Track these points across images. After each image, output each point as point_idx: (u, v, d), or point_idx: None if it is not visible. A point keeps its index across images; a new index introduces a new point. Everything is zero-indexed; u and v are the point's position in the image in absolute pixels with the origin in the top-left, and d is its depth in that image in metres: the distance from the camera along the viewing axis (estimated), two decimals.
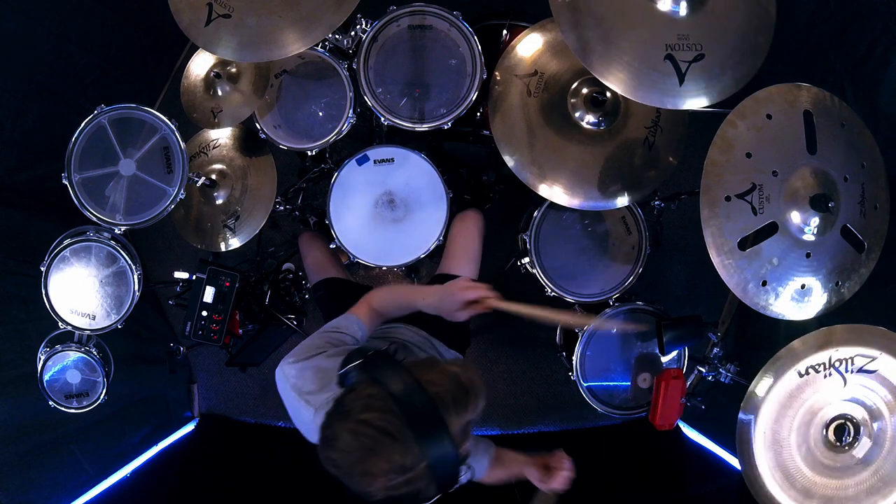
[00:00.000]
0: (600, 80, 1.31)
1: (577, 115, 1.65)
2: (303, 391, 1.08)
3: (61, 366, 1.79)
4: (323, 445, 0.86)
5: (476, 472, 1.38)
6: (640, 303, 1.84)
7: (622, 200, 1.67)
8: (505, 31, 1.82)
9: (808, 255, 1.29)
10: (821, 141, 1.28)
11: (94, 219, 1.67)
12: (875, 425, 1.30)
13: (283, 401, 1.13)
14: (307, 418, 1.06)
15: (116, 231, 1.74)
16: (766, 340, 1.76)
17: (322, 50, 1.72)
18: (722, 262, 1.25)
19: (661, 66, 1.30)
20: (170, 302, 2.20)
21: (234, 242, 1.93)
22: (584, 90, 1.64)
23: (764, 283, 1.28)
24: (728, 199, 1.24)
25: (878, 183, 1.36)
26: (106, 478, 2.19)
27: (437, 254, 1.86)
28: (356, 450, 0.83)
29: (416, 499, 0.88)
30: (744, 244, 1.26)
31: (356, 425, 0.83)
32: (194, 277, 1.86)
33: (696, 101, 1.33)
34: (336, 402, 0.89)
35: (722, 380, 1.70)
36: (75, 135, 1.62)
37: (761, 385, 1.32)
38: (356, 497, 0.87)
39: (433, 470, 0.84)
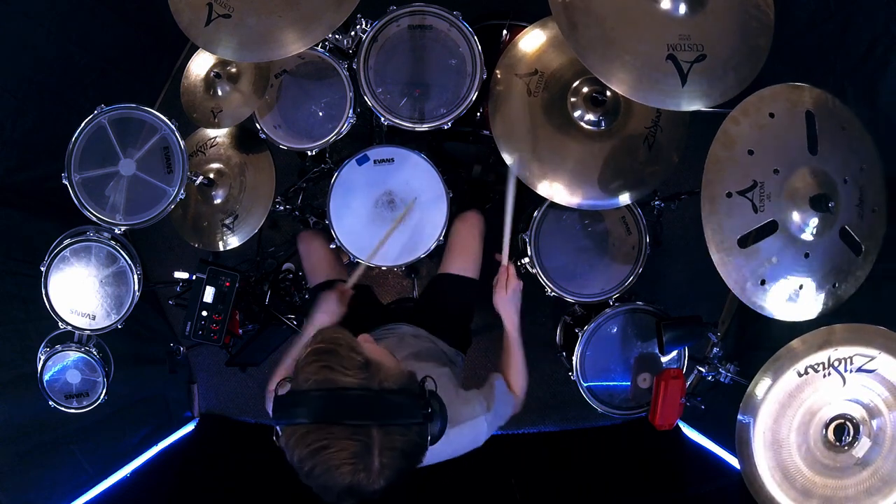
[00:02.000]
0: (601, 80, 1.31)
1: (577, 114, 1.65)
2: None
3: (61, 366, 1.79)
4: (322, 497, 0.86)
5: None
6: (640, 303, 1.85)
7: (622, 200, 1.67)
8: (505, 31, 1.82)
9: (806, 256, 1.29)
10: (822, 142, 1.29)
11: (94, 219, 1.67)
12: (874, 424, 1.30)
13: None
14: None
15: (116, 231, 1.74)
16: (766, 340, 1.76)
17: (322, 50, 1.72)
18: (721, 260, 1.25)
19: (663, 66, 1.30)
20: (170, 302, 2.20)
21: (233, 241, 1.93)
22: (585, 89, 1.64)
23: (763, 282, 1.28)
24: (729, 195, 1.24)
25: (877, 187, 1.36)
26: (106, 478, 2.19)
27: (437, 254, 1.86)
28: (324, 481, 0.82)
29: (417, 452, 0.88)
30: (744, 242, 1.26)
31: (303, 465, 0.83)
32: (194, 277, 1.85)
33: (698, 102, 1.32)
34: None
35: (722, 380, 1.71)
36: (75, 135, 1.62)
37: (760, 385, 1.32)
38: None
39: (385, 424, 0.83)
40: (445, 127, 1.70)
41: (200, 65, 1.81)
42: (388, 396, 0.85)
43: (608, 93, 1.63)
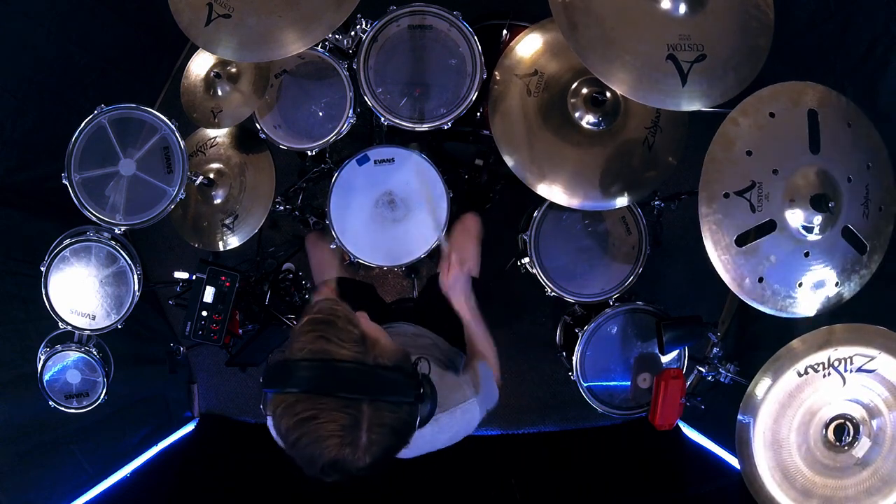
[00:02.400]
0: (602, 80, 1.31)
1: (577, 115, 1.65)
2: None
3: (61, 366, 1.79)
4: (305, 471, 0.85)
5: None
6: (640, 303, 1.85)
7: (622, 201, 1.67)
8: (505, 31, 1.82)
9: (806, 255, 1.29)
10: (825, 140, 1.28)
11: (94, 219, 1.67)
12: (874, 424, 1.30)
13: None
14: None
15: (116, 231, 1.74)
16: (765, 340, 1.76)
17: (322, 50, 1.72)
18: (719, 258, 1.25)
19: (663, 66, 1.30)
20: (170, 302, 2.19)
21: (233, 241, 1.93)
22: (584, 90, 1.64)
23: (760, 280, 1.28)
24: (727, 195, 1.24)
25: (885, 184, 1.35)
26: (106, 478, 2.19)
27: (437, 254, 1.86)
28: (310, 452, 0.81)
29: (405, 431, 0.87)
30: (743, 241, 1.26)
31: (289, 435, 0.82)
32: (194, 277, 1.85)
33: (699, 102, 1.33)
34: None
35: (722, 380, 1.71)
36: (75, 135, 1.62)
37: (760, 385, 1.32)
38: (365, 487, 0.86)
39: (376, 400, 0.82)
40: (445, 127, 1.70)
41: (200, 65, 1.81)
42: (382, 373, 0.84)
43: (608, 93, 1.63)
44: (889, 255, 1.37)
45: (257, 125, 1.78)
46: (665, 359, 1.88)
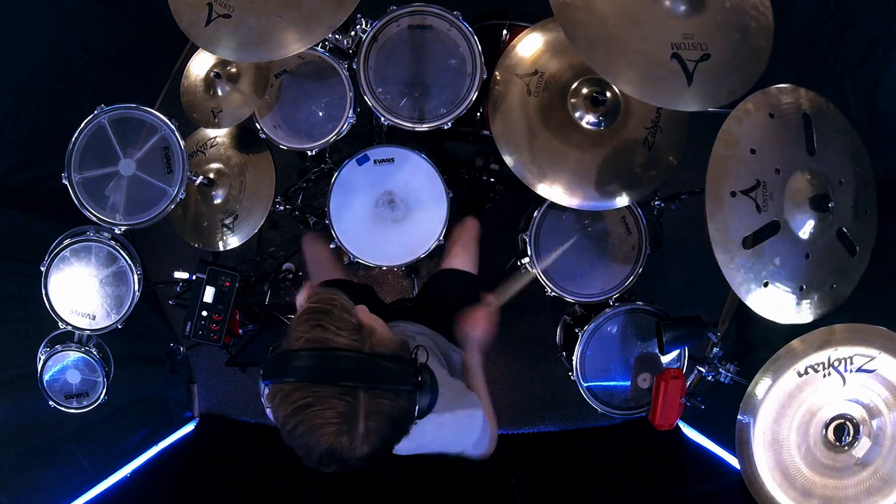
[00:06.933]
0: (608, 80, 1.31)
1: (577, 114, 1.65)
2: None
3: (61, 366, 1.79)
4: (303, 460, 0.85)
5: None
6: (640, 303, 1.85)
7: (622, 200, 1.67)
8: (505, 31, 1.82)
9: (807, 256, 1.29)
10: (819, 144, 1.29)
11: (94, 219, 1.67)
12: (874, 424, 1.30)
13: None
14: None
15: (116, 231, 1.74)
16: (765, 340, 1.76)
17: (322, 50, 1.72)
18: (725, 260, 1.24)
19: (668, 65, 1.29)
20: (170, 302, 2.19)
21: (233, 241, 1.93)
22: (585, 90, 1.64)
23: (766, 285, 1.27)
24: (733, 194, 1.23)
25: (868, 188, 1.37)
26: (106, 478, 2.19)
27: (437, 254, 1.87)
28: (306, 441, 0.81)
29: (404, 421, 0.87)
30: (745, 243, 1.26)
31: (286, 424, 0.82)
32: (194, 277, 1.86)
33: (705, 102, 1.31)
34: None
35: (722, 380, 1.71)
36: (75, 135, 1.62)
37: (760, 385, 1.32)
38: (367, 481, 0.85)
39: (373, 387, 0.82)
40: (445, 127, 1.70)
41: (200, 65, 1.81)
42: (379, 361, 0.85)
43: (608, 93, 1.63)
44: (889, 256, 1.38)
45: (257, 125, 1.78)
46: (665, 359, 1.88)
